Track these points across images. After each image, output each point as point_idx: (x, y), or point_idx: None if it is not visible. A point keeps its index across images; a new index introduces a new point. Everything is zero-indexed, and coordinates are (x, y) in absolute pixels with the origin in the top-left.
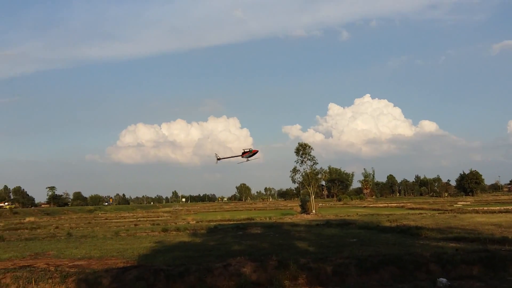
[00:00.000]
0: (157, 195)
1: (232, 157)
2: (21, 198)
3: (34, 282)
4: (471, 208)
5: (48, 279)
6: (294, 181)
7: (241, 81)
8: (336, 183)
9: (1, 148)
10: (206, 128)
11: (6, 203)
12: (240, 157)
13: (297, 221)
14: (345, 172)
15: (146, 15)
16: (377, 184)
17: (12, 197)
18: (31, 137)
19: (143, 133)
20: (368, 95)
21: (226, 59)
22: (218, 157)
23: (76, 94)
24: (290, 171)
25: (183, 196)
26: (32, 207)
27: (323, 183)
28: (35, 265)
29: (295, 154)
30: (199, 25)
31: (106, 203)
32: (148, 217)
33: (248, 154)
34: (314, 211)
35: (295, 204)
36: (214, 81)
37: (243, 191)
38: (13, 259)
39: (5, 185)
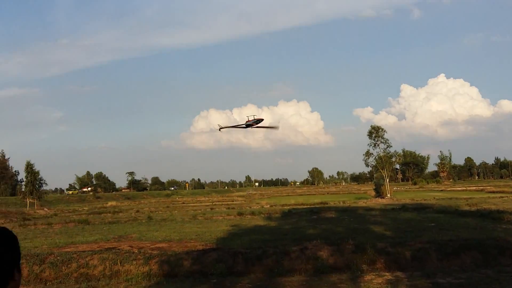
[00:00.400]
0: (231, 180)
1: (236, 126)
2: (103, 183)
3: (120, 263)
4: None
5: (132, 261)
6: (367, 165)
7: (311, 64)
8: (411, 166)
9: (83, 135)
10: (276, 113)
11: (89, 188)
12: (245, 126)
13: (371, 205)
14: (420, 155)
15: (216, 1)
16: (454, 167)
17: (94, 182)
18: (111, 125)
19: (215, 118)
20: (442, 74)
21: (295, 42)
22: (221, 127)
23: (150, 82)
24: (363, 155)
25: (256, 181)
26: (113, 192)
27: (397, 166)
28: (119, 247)
29: (367, 137)
30: (267, 9)
31: (172, 188)
32: (223, 201)
33: (252, 121)
34: (389, 195)
35: (368, 188)
36: (284, 65)
37: (315, 175)
38: (99, 241)
39: (87, 171)
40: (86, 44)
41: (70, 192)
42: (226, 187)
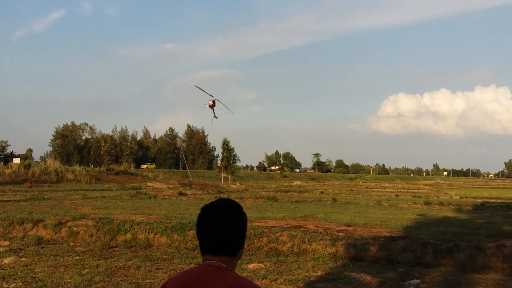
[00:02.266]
0: (417, 167)
1: (206, 93)
2: (290, 163)
3: (308, 242)
4: None
5: (319, 241)
6: None
7: None
8: None
9: (274, 116)
10: (472, 98)
11: (277, 167)
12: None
13: None
14: None
15: None
16: None
17: (282, 162)
18: (300, 106)
19: (404, 103)
20: None
21: (497, 23)
22: (196, 86)
23: (342, 64)
24: None
25: (444, 170)
26: (299, 171)
27: None
28: (306, 226)
29: None
30: None
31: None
32: (408, 189)
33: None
34: None
35: None
36: (483, 47)
37: None
38: (286, 218)
39: (276, 150)
40: (282, 27)
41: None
42: (412, 174)
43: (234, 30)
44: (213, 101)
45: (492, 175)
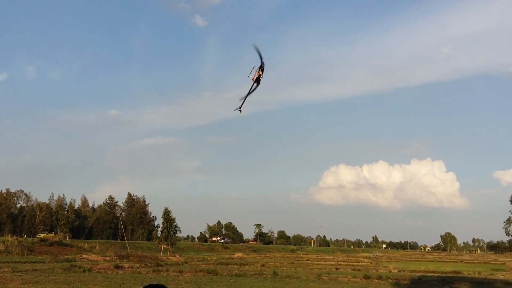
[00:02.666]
0: (357, 239)
1: (249, 93)
2: (231, 233)
3: None
4: None
5: None
6: (507, 233)
7: (448, 122)
8: None
9: (217, 185)
10: (408, 171)
11: (219, 237)
12: (256, 85)
13: (511, 279)
14: None
15: (354, 55)
16: None
17: (224, 232)
18: (243, 176)
19: (345, 174)
20: None
21: (432, 98)
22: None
23: (283, 135)
24: (503, 222)
25: (383, 242)
26: (240, 243)
27: None
28: None
29: (509, 202)
30: (405, 63)
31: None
32: (348, 261)
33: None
34: None
35: (507, 259)
36: (419, 121)
37: (447, 241)
38: None
39: (218, 221)
40: (226, 96)
41: None
42: (352, 246)
43: (179, 98)
44: (260, 74)
45: (429, 247)
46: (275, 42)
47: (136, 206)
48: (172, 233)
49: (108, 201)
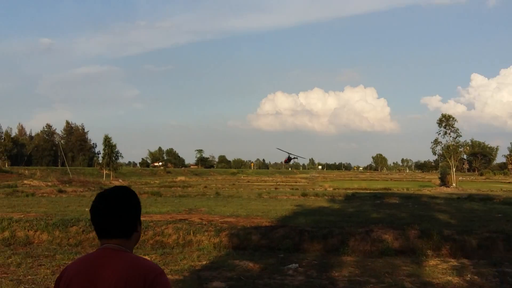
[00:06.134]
0: (295, 162)
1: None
2: (173, 159)
3: (192, 234)
4: None
5: (204, 232)
6: (434, 153)
7: (380, 51)
8: (479, 157)
9: (156, 113)
10: (342, 98)
11: (160, 163)
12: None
13: (436, 193)
14: (488, 145)
15: None
16: None
17: (165, 158)
18: (182, 104)
19: (282, 101)
20: None
21: (365, 28)
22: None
23: (222, 64)
24: (431, 142)
25: (319, 164)
26: (183, 168)
27: (464, 156)
28: (190, 219)
29: (436, 125)
30: None
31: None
32: (286, 182)
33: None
34: (454, 185)
35: (433, 177)
36: (353, 51)
37: (379, 162)
38: (171, 213)
39: (159, 147)
40: (162, 25)
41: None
42: (290, 169)
43: (114, 26)
44: (289, 157)
45: (361, 168)
46: None
47: (75, 134)
48: (113, 159)
49: (46, 129)
